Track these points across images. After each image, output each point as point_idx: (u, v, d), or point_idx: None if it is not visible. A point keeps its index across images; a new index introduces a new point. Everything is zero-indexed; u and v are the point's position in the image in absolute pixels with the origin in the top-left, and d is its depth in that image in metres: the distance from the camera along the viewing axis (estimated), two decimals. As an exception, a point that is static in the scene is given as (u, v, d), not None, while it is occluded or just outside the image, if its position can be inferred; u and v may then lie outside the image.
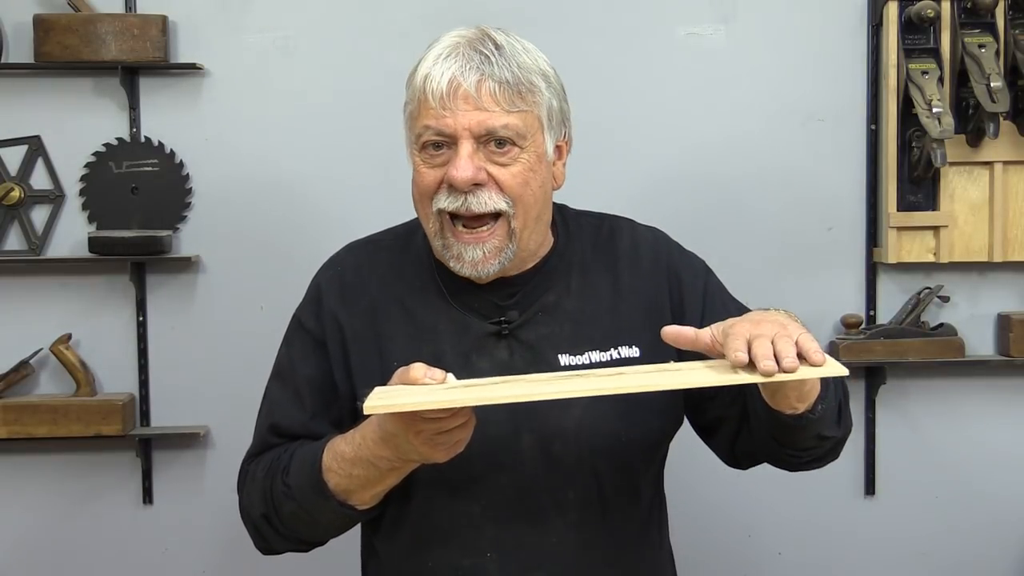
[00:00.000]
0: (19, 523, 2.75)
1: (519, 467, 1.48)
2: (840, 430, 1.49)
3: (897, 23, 2.66)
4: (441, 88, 1.44)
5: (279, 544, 1.57)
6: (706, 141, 2.74)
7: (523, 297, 1.54)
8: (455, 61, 1.45)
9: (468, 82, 1.44)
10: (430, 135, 1.46)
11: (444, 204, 1.46)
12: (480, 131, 1.44)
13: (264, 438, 1.59)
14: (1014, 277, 2.78)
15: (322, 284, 1.60)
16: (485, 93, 1.44)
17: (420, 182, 1.49)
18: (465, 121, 1.44)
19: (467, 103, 1.44)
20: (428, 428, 1.32)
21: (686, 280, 1.59)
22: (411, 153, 1.51)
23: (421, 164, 1.48)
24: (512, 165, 1.47)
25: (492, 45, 1.47)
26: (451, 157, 1.45)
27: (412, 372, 1.32)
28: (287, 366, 1.60)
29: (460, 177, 1.44)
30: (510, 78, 1.46)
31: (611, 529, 1.53)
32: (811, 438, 1.46)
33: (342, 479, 1.44)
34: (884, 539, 2.81)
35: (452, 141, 1.45)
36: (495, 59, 1.46)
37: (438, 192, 1.47)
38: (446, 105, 1.44)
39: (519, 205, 1.47)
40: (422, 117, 1.46)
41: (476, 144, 1.45)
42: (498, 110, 1.45)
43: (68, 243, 2.72)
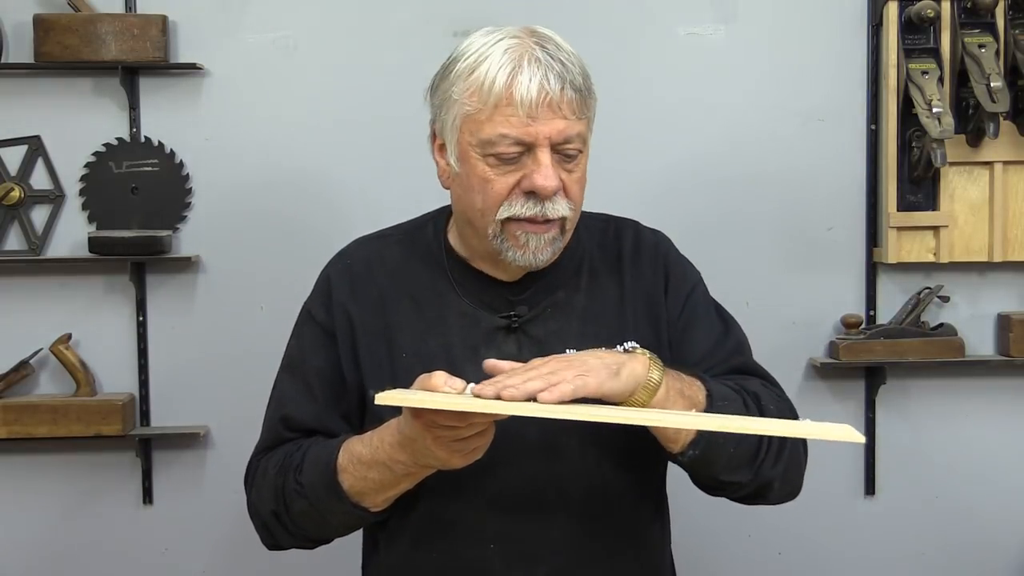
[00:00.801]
0: (19, 523, 2.75)
1: (523, 460, 1.49)
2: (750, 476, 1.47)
3: (897, 23, 2.66)
4: (531, 96, 1.41)
5: (286, 541, 1.57)
6: (706, 141, 2.74)
7: (534, 293, 1.55)
8: (538, 67, 1.42)
9: (554, 90, 1.42)
10: (508, 144, 1.43)
11: (519, 210, 1.45)
12: (559, 140, 1.44)
13: (275, 431, 1.58)
14: (1014, 277, 2.78)
15: (332, 276, 1.60)
16: (566, 102, 1.43)
17: (488, 188, 1.46)
18: (548, 130, 1.43)
19: (551, 112, 1.42)
20: (446, 435, 1.32)
21: (673, 282, 1.60)
22: (464, 154, 1.47)
23: (489, 170, 1.45)
24: (575, 171, 1.47)
25: (555, 46, 1.46)
26: (524, 163, 1.44)
27: (433, 379, 1.32)
28: (297, 358, 1.60)
29: (550, 187, 1.43)
30: (581, 85, 1.45)
31: (613, 523, 1.54)
32: (707, 478, 1.47)
33: (357, 481, 1.45)
34: (884, 539, 2.81)
35: (527, 148, 1.44)
36: (569, 65, 1.45)
37: (509, 197, 1.46)
38: (532, 114, 1.42)
39: (576, 210, 1.49)
40: (497, 123, 1.43)
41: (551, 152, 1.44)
42: (573, 118, 1.44)
43: (68, 243, 2.72)
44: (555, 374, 1.30)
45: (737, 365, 1.58)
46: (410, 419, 1.34)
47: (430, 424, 1.32)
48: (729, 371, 1.56)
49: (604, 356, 1.36)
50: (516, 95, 1.41)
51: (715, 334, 1.60)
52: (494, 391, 1.28)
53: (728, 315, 1.65)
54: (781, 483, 1.51)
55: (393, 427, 1.40)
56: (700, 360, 1.56)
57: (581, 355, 1.37)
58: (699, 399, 1.42)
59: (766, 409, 1.49)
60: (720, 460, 1.43)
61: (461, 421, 1.30)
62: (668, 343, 1.57)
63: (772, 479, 1.49)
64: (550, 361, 1.34)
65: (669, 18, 2.74)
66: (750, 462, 1.46)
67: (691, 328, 1.58)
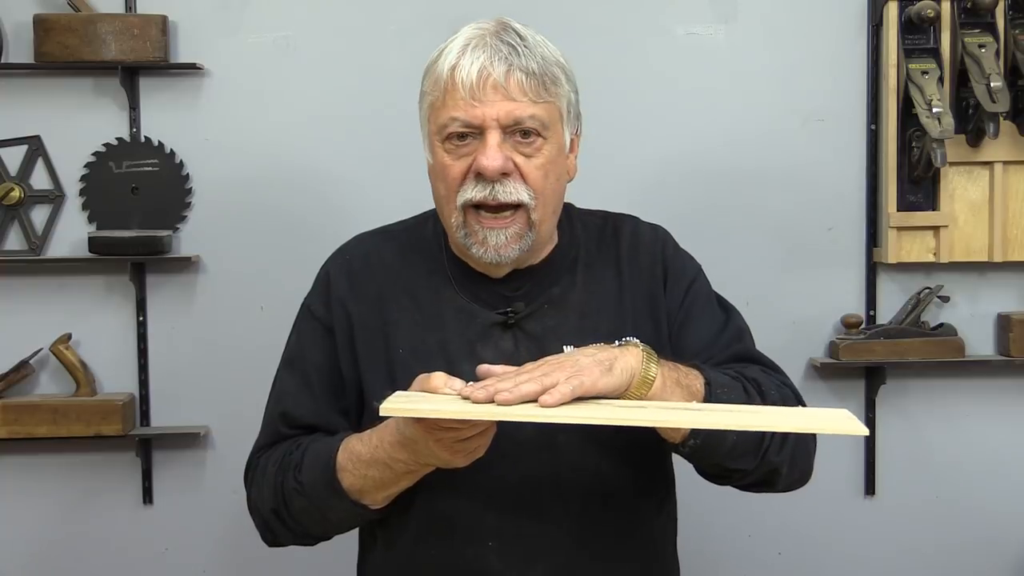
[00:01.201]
0: (19, 523, 2.74)
1: (522, 458, 1.49)
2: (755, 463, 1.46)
3: (897, 23, 2.66)
4: (471, 78, 1.44)
5: (286, 538, 1.57)
6: (706, 141, 2.74)
7: (530, 290, 1.55)
8: (483, 52, 1.45)
9: (497, 72, 1.44)
10: (457, 126, 1.46)
11: (471, 194, 1.47)
12: (508, 121, 1.45)
13: (274, 427, 1.59)
14: (1014, 277, 2.78)
15: (331, 272, 1.61)
16: (513, 83, 1.45)
17: (446, 174, 1.49)
18: (494, 111, 1.44)
19: (496, 93, 1.44)
20: (447, 436, 1.33)
21: (672, 275, 1.60)
22: (431, 144, 1.51)
23: (446, 155, 1.48)
24: (536, 157, 1.48)
25: (516, 36, 1.48)
26: (477, 147, 1.46)
27: (432, 380, 1.33)
28: (297, 354, 1.60)
29: (491, 166, 1.44)
30: (536, 69, 1.46)
31: (614, 520, 1.54)
32: (711, 466, 1.47)
33: (356, 479, 1.45)
34: (884, 539, 2.81)
35: (478, 132, 1.46)
36: (521, 50, 1.46)
37: (464, 183, 1.47)
38: (476, 95, 1.44)
39: (540, 197, 1.49)
40: (448, 108, 1.46)
41: (503, 134, 1.45)
42: (525, 100, 1.45)
43: (68, 243, 2.72)
44: (548, 376, 1.30)
45: (738, 352, 1.58)
46: (410, 422, 1.35)
47: (432, 427, 1.32)
48: (730, 359, 1.56)
49: (595, 353, 1.36)
50: (457, 77, 1.45)
51: (716, 324, 1.60)
52: (486, 395, 1.28)
53: (729, 304, 1.65)
54: (789, 469, 1.50)
55: (392, 427, 1.40)
56: (702, 350, 1.55)
57: (572, 355, 1.36)
58: (697, 388, 1.41)
59: (767, 395, 1.48)
60: (723, 448, 1.43)
61: (463, 424, 1.31)
62: (668, 335, 1.57)
63: (778, 465, 1.48)
64: (542, 364, 1.34)
65: (669, 18, 2.74)
66: (755, 449, 1.45)
67: (691, 319, 1.58)
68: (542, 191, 1.48)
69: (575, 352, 1.37)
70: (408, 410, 1.28)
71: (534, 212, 1.48)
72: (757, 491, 1.54)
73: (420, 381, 1.34)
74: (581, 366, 1.32)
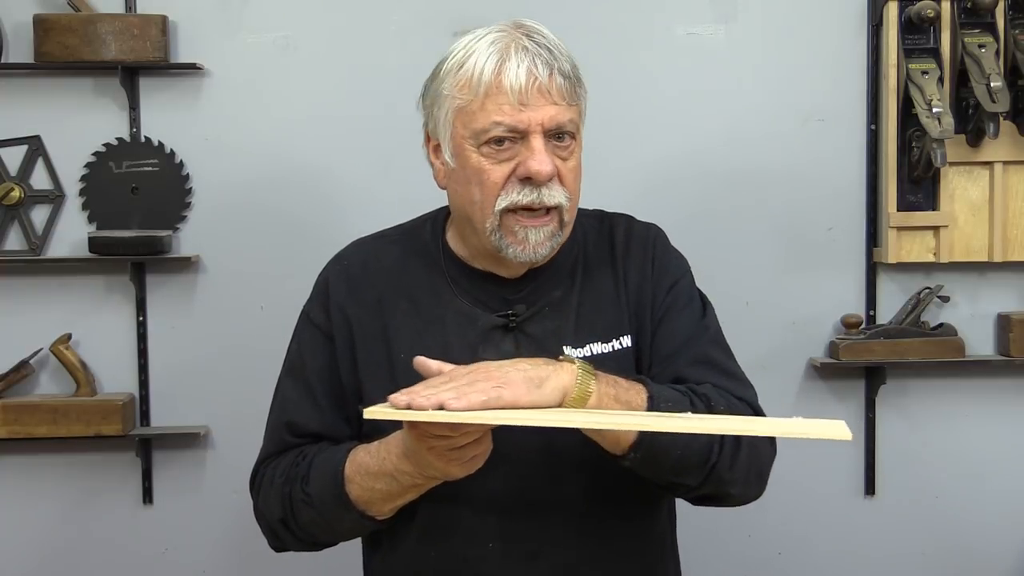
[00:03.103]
0: (19, 523, 2.74)
1: (521, 459, 1.49)
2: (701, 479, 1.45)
3: (897, 23, 2.66)
4: (520, 81, 1.43)
5: (293, 545, 1.58)
6: (706, 141, 2.74)
7: (531, 292, 1.55)
8: (525, 55, 1.44)
9: (542, 75, 1.44)
10: (501, 131, 1.44)
11: (517, 198, 1.46)
12: (551, 125, 1.45)
13: (279, 436, 1.59)
14: (1014, 277, 2.78)
15: (330, 278, 1.61)
16: (555, 87, 1.45)
17: (484, 178, 1.47)
18: (539, 116, 1.44)
19: (542, 97, 1.44)
20: (439, 444, 1.33)
21: (658, 271, 1.60)
22: (459, 148, 1.48)
23: (484, 160, 1.46)
24: (570, 159, 1.48)
25: (543, 37, 1.47)
26: (518, 152, 1.45)
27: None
28: (298, 362, 1.60)
29: (545, 171, 1.44)
30: (570, 71, 1.47)
31: (613, 521, 1.54)
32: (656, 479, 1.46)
33: (364, 491, 1.46)
34: (884, 539, 2.81)
35: (520, 136, 1.45)
36: (557, 52, 1.46)
37: (505, 187, 1.46)
38: (523, 100, 1.43)
39: (572, 199, 1.50)
40: (489, 112, 1.44)
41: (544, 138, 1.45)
42: (563, 104, 1.46)
43: (68, 243, 2.72)
44: (470, 385, 1.30)
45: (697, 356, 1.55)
46: (409, 432, 1.35)
47: (424, 434, 1.33)
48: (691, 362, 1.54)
49: (528, 368, 1.35)
50: (505, 82, 1.43)
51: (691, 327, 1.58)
52: (406, 400, 1.29)
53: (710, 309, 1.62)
54: (742, 486, 1.49)
55: (398, 438, 1.41)
56: (673, 352, 1.54)
57: (504, 365, 1.36)
58: (638, 403, 1.40)
59: (715, 410, 1.46)
60: (666, 463, 1.42)
61: (453, 431, 1.31)
62: (653, 332, 1.57)
63: (728, 482, 1.47)
64: (472, 371, 1.34)
65: (669, 18, 2.74)
66: (700, 465, 1.44)
67: (666, 320, 1.57)
68: (575, 193, 1.50)
69: (508, 363, 1.37)
70: (390, 412, 1.29)
71: (567, 213, 1.49)
72: (707, 505, 1.53)
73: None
74: (508, 379, 1.32)
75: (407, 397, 1.29)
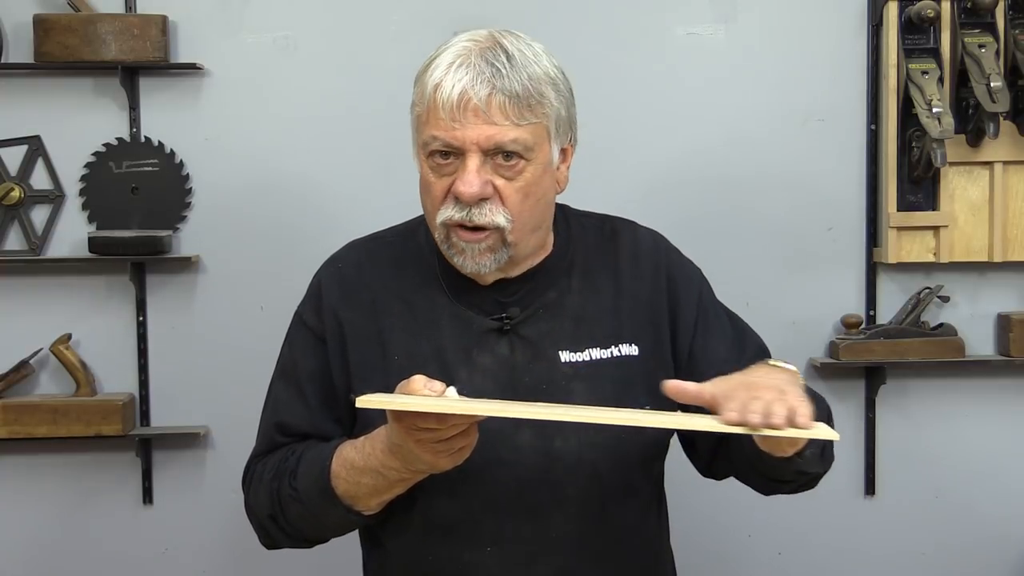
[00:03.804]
0: (19, 523, 2.74)
1: (519, 462, 1.49)
2: (823, 466, 1.52)
3: (897, 23, 2.66)
4: (452, 100, 1.42)
5: (283, 542, 1.58)
6: (706, 141, 2.74)
7: (525, 295, 1.55)
8: (466, 72, 1.43)
9: (478, 96, 1.42)
10: (438, 145, 1.45)
11: (450, 214, 1.46)
12: (488, 145, 1.44)
13: (270, 437, 1.59)
14: (1014, 277, 2.78)
15: (323, 280, 1.61)
16: (495, 107, 1.43)
17: (429, 190, 1.48)
18: (473, 135, 1.43)
19: (477, 117, 1.43)
20: (426, 437, 1.33)
21: (681, 286, 1.60)
22: (418, 154, 1.50)
23: (429, 172, 1.48)
24: (516, 180, 1.46)
25: (503, 55, 1.45)
26: (458, 168, 1.45)
27: (412, 384, 1.33)
28: (290, 364, 1.60)
29: (468, 192, 1.44)
30: (520, 91, 1.44)
31: (610, 525, 1.54)
32: (793, 473, 1.48)
33: (350, 486, 1.46)
34: (884, 539, 2.81)
35: (459, 152, 1.45)
36: (505, 71, 1.44)
37: (444, 202, 1.47)
38: (455, 117, 1.43)
39: (516, 220, 1.47)
40: (430, 125, 1.45)
41: (483, 157, 1.44)
42: (507, 124, 1.43)
43: (68, 243, 2.72)
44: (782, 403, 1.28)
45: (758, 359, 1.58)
46: (393, 424, 1.35)
47: (411, 427, 1.33)
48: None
49: (786, 379, 1.38)
50: (439, 98, 1.43)
51: (729, 336, 1.61)
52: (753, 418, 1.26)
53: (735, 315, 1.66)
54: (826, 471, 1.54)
55: (383, 433, 1.40)
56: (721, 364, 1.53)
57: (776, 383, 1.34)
58: None
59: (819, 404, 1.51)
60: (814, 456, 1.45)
61: (440, 422, 1.31)
62: (689, 349, 1.57)
63: (829, 465, 1.53)
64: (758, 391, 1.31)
65: (669, 18, 2.74)
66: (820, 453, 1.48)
67: (707, 334, 1.59)
68: (519, 214, 1.47)
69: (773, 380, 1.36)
70: (383, 402, 1.30)
71: (509, 234, 1.47)
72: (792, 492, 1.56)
73: (401, 387, 1.35)
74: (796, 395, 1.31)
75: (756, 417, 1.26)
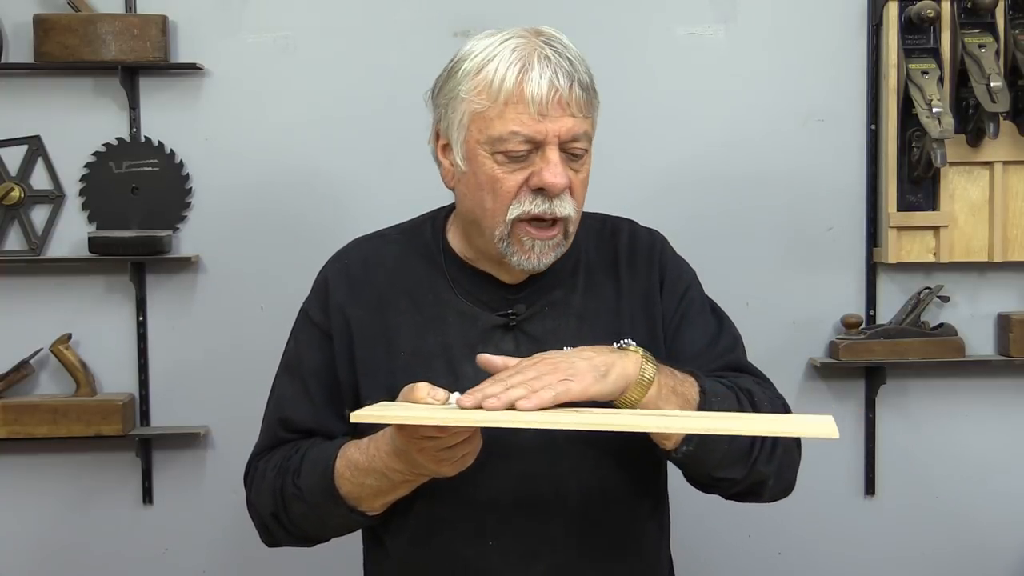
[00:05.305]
0: (19, 523, 2.74)
1: (521, 459, 1.49)
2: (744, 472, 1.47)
3: (897, 23, 2.66)
4: (542, 93, 1.41)
5: (285, 540, 1.58)
6: (706, 141, 2.74)
7: (531, 292, 1.56)
8: (547, 65, 1.43)
9: (563, 87, 1.43)
10: (518, 141, 1.43)
11: (529, 208, 1.45)
12: (568, 137, 1.44)
13: (273, 432, 1.59)
14: (1014, 277, 2.78)
15: (329, 277, 1.61)
16: (575, 99, 1.44)
17: (497, 187, 1.46)
18: (557, 128, 1.43)
19: (561, 109, 1.43)
20: (428, 445, 1.33)
21: (669, 280, 1.61)
22: (473, 153, 1.47)
23: (497, 168, 1.45)
24: (581, 171, 1.48)
25: (562, 46, 1.46)
26: (533, 161, 1.44)
27: (416, 392, 1.33)
28: (295, 359, 1.60)
29: (559, 183, 1.44)
30: (589, 84, 1.46)
31: (612, 521, 1.54)
32: (700, 475, 1.48)
33: (354, 487, 1.46)
34: (884, 539, 2.81)
35: (536, 146, 1.44)
36: (576, 62, 1.45)
37: (518, 196, 1.46)
38: (543, 111, 1.42)
39: (579, 210, 1.50)
40: (507, 121, 1.43)
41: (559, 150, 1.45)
42: (581, 116, 1.45)
43: (68, 243, 2.72)
44: (539, 379, 1.30)
45: (730, 362, 1.58)
46: (396, 433, 1.35)
47: (412, 436, 1.33)
48: (722, 368, 1.56)
49: (593, 356, 1.35)
50: (527, 92, 1.42)
51: (709, 332, 1.60)
52: (474, 401, 1.28)
53: (722, 313, 1.65)
54: (775, 480, 1.51)
55: (388, 436, 1.40)
56: (693, 358, 1.56)
57: (570, 355, 1.35)
58: (692, 396, 1.42)
59: (760, 406, 1.49)
60: (714, 457, 1.44)
61: (441, 432, 1.31)
62: (670, 341, 1.57)
63: (766, 476, 1.49)
64: (538, 362, 1.33)
65: (669, 18, 2.74)
66: (744, 459, 1.46)
67: (685, 326, 1.59)
68: (582, 204, 1.50)
69: (573, 353, 1.37)
70: (377, 416, 1.29)
71: (572, 225, 1.49)
72: (742, 500, 1.55)
73: (404, 393, 1.35)
74: (576, 370, 1.32)
75: (475, 397, 1.28)
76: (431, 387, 1.33)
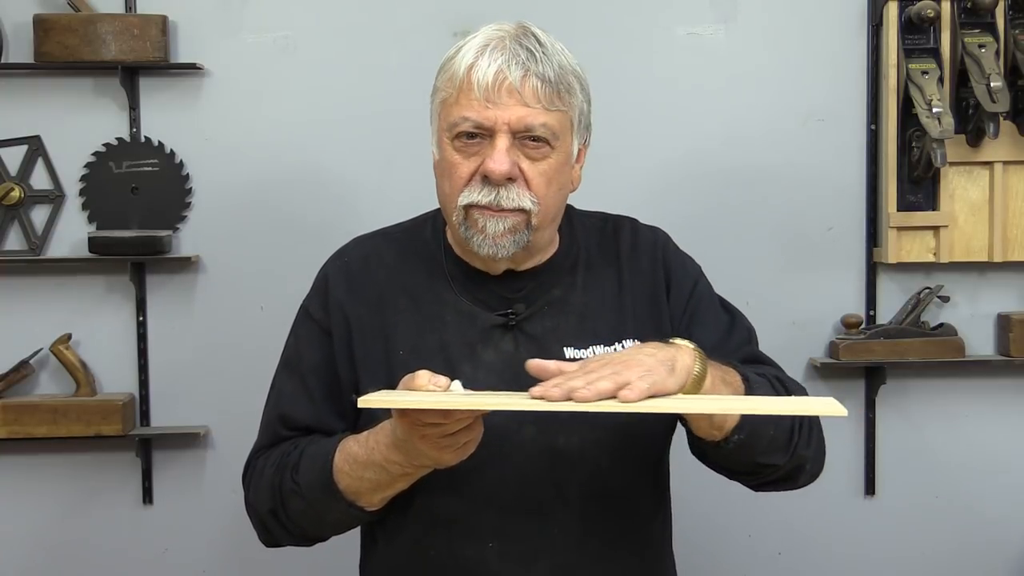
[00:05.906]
0: (19, 523, 2.74)
1: (521, 458, 1.49)
2: (787, 458, 1.49)
3: (897, 23, 2.66)
4: (487, 79, 1.44)
5: (283, 539, 1.58)
6: (706, 141, 2.74)
7: (530, 291, 1.56)
8: (501, 54, 1.45)
9: (513, 76, 1.44)
10: (468, 126, 1.46)
11: (476, 198, 1.47)
12: (519, 127, 1.45)
13: (273, 429, 1.59)
14: (1014, 277, 2.78)
15: (329, 274, 1.61)
16: (528, 89, 1.45)
17: (452, 172, 1.49)
18: (506, 115, 1.45)
19: (511, 97, 1.44)
20: (431, 432, 1.33)
21: (676, 277, 1.61)
22: (441, 141, 1.51)
23: (455, 153, 1.48)
24: (542, 163, 1.48)
25: (536, 41, 1.48)
26: (485, 148, 1.46)
27: (417, 379, 1.33)
28: (294, 356, 1.60)
29: (498, 170, 1.45)
30: (552, 76, 1.46)
31: (613, 520, 1.54)
32: (747, 463, 1.48)
33: (353, 481, 1.46)
34: (884, 539, 2.81)
35: (488, 133, 1.46)
36: (539, 55, 1.46)
37: (469, 183, 1.47)
38: (490, 97, 1.44)
39: (541, 204, 1.49)
40: (461, 107, 1.46)
41: (512, 139, 1.46)
42: (538, 107, 1.45)
43: (68, 243, 2.72)
44: (620, 375, 1.28)
45: (747, 355, 1.59)
46: (397, 420, 1.35)
47: (415, 423, 1.32)
48: (741, 360, 1.56)
49: (656, 352, 1.34)
50: (474, 78, 1.45)
51: (722, 326, 1.61)
52: (561, 393, 1.25)
53: (732, 306, 1.66)
54: (812, 464, 1.53)
55: (387, 428, 1.40)
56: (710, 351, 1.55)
57: (634, 354, 1.34)
58: (738, 385, 1.42)
59: (793, 393, 1.51)
60: (761, 443, 1.44)
61: (445, 418, 1.31)
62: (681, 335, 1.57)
63: (805, 460, 1.51)
64: (607, 362, 1.32)
65: (669, 18, 2.74)
66: (786, 444, 1.47)
67: (697, 322, 1.59)
68: (544, 198, 1.48)
69: (635, 351, 1.36)
70: (386, 401, 1.30)
71: (535, 217, 1.48)
72: (777, 489, 1.55)
73: (405, 382, 1.35)
74: (648, 366, 1.31)
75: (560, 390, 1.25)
76: (432, 374, 1.33)
